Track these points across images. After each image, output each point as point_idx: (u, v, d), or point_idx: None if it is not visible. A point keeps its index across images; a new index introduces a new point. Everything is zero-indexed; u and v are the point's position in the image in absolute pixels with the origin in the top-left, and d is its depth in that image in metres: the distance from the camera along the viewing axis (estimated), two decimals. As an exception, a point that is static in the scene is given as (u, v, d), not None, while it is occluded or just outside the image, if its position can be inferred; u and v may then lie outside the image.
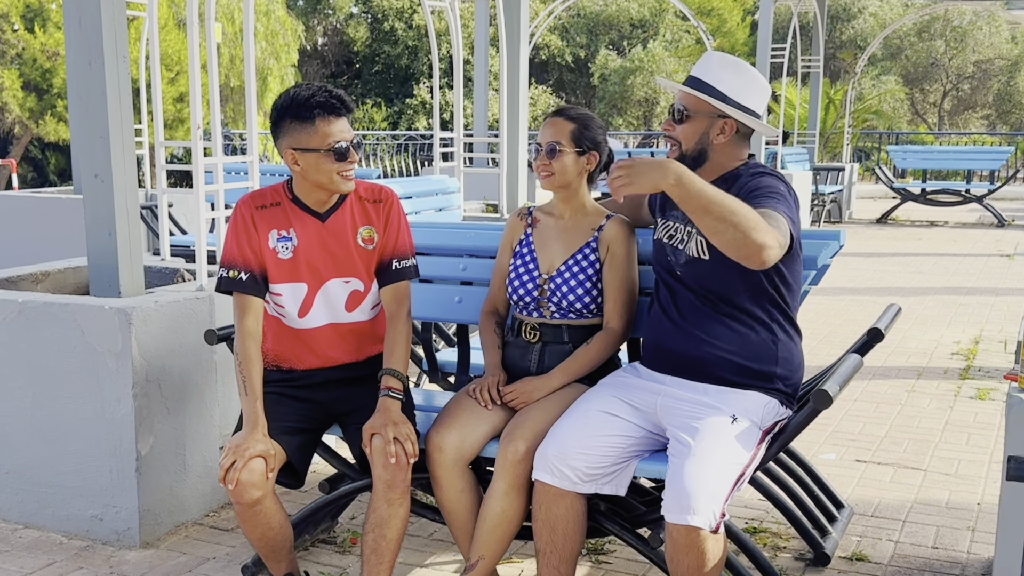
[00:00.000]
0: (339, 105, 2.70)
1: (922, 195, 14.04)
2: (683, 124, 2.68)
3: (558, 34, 27.01)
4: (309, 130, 2.67)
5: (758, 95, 2.68)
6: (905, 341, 6.37)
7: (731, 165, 2.69)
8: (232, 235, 2.78)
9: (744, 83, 2.65)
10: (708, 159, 2.67)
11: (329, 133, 2.67)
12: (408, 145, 17.49)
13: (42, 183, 18.20)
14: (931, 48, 27.63)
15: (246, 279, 2.75)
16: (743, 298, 2.61)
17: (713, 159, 2.67)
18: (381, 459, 2.62)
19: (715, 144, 2.66)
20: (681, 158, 2.68)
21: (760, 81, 2.70)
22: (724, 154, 2.68)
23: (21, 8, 15.58)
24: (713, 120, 2.65)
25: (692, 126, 2.67)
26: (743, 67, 2.69)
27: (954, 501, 3.74)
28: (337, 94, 2.71)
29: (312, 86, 2.71)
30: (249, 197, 2.82)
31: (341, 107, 2.70)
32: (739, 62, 2.70)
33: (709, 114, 2.65)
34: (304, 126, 2.67)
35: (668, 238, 2.75)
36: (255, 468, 2.59)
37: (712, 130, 2.65)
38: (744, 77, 2.67)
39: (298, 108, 2.67)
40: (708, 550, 2.35)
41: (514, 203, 6.86)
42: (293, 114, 2.68)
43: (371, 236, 2.82)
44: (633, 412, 2.66)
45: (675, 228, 2.74)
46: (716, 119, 2.65)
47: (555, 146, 2.83)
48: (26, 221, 7.19)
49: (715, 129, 2.65)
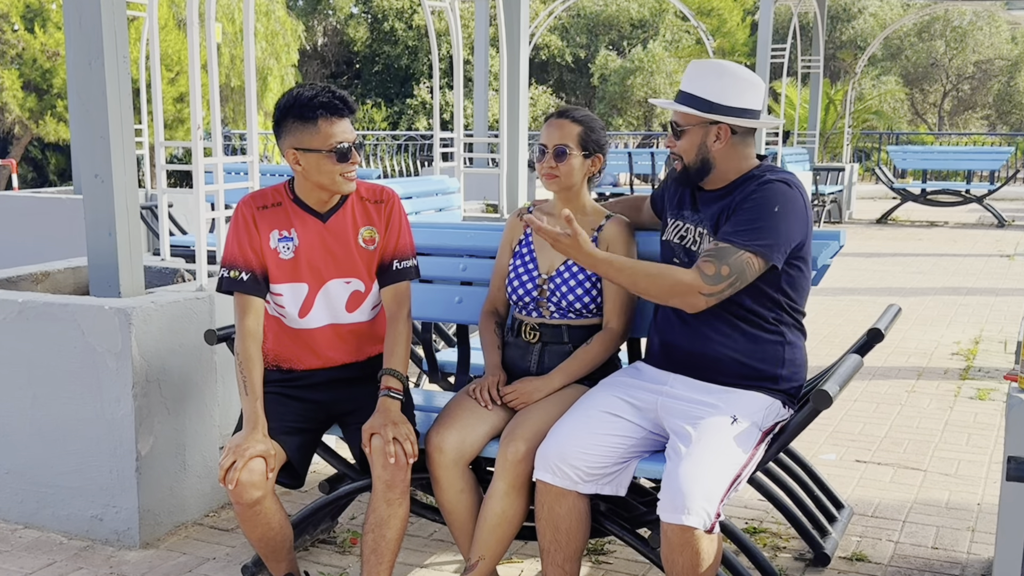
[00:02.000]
0: (342, 106, 2.69)
1: (922, 195, 14.04)
2: (680, 139, 2.69)
3: (558, 34, 27.01)
4: (311, 130, 2.67)
5: (748, 91, 2.66)
6: (905, 341, 6.37)
7: (742, 168, 2.68)
8: (233, 235, 2.78)
9: (726, 83, 2.63)
10: (714, 167, 2.67)
11: (331, 134, 2.67)
12: (408, 145, 17.50)
13: (42, 183, 18.20)
14: (931, 48, 27.63)
15: (247, 279, 2.75)
16: (752, 302, 2.61)
17: (718, 166, 2.67)
18: (380, 459, 2.62)
19: (714, 151, 2.66)
20: (685, 171, 2.70)
21: (745, 77, 2.67)
22: (728, 158, 2.67)
23: (21, 8, 15.58)
24: (707, 129, 2.65)
25: (688, 139, 2.67)
26: (724, 68, 2.67)
27: (954, 501, 3.74)
28: (340, 95, 2.71)
29: (316, 86, 2.71)
30: (250, 197, 2.82)
31: (344, 108, 2.70)
32: (720, 64, 2.68)
33: (701, 124, 2.65)
34: (306, 126, 2.67)
35: (679, 239, 2.74)
36: (255, 468, 2.59)
37: (708, 139, 2.65)
38: (726, 78, 2.65)
39: (301, 108, 2.67)
40: (703, 550, 2.36)
41: (514, 203, 6.86)
42: (296, 114, 2.68)
43: (372, 236, 2.82)
44: (634, 412, 2.66)
45: (686, 229, 2.73)
46: (709, 127, 2.65)
47: (564, 149, 2.83)
48: (26, 221, 7.19)
49: (710, 137, 2.65)
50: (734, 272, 2.49)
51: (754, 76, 2.69)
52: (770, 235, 2.51)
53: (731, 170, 2.68)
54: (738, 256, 2.50)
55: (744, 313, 2.62)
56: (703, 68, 2.68)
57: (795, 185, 2.60)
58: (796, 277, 2.63)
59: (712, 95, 2.63)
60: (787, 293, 2.63)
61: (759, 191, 2.57)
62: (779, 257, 2.53)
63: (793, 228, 2.55)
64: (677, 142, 2.70)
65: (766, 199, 2.55)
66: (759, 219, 2.53)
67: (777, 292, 2.61)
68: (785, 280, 2.61)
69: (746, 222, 2.54)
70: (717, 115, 2.62)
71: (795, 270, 2.62)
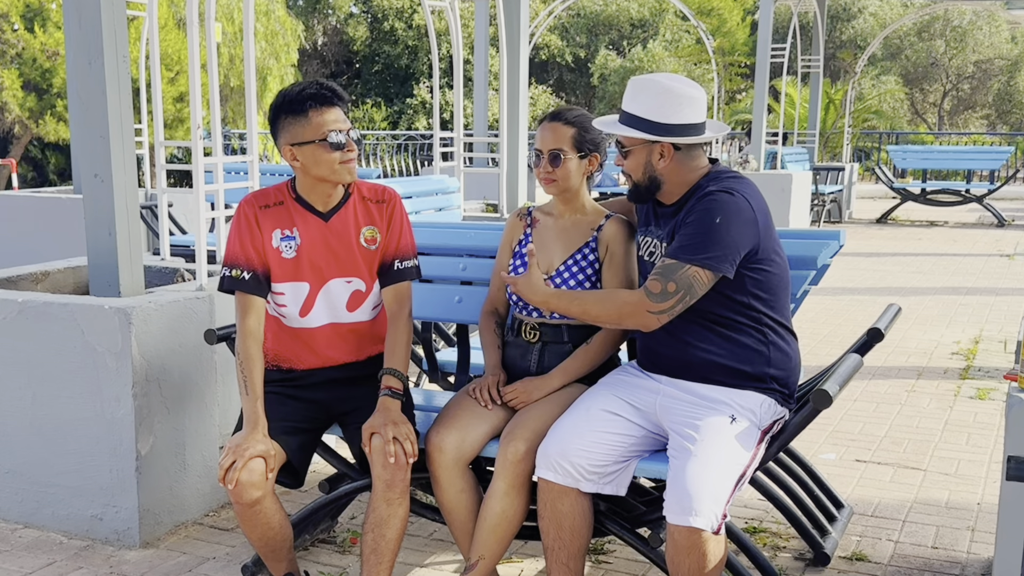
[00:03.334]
0: (330, 95, 2.71)
1: (922, 195, 14.04)
2: (627, 159, 2.69)
3: (558, 34, 27.01)
4: (303, 122, 2.69)
5: (687, 106, 2.62)
6: (905, 341, 6.37)
7: (690, 180, 2.67)
8: (235, 234, 2.78)
9: (664, 101, 2.60)
10: (663, 183, 2.68)
11: (323, 123, 2.68)
12: (408, 145, 17.49)
13: (42, 183, 18.19)
14: (931, 48, 27.62)
15: (249, 278, 2.75)
16: (723, 309, 2.61)
17: (667, 181, 2.67)
18: (380, 459, 2.62)
19: (660, 169, 2.66)
20: (635, 187, 2.71)
21: (682, 92, 2.62)
22: (676, 173, 2.67)
23: (21, 8, 15.58)
24: (650, 148, 2.64)
25: (634, 159, 2.67)
26: (661, 85, 2.62)
27: (954, 501, 3.74)
28: (328, 85, 2.73)
29: (304, 82, 2.74)
30: (252, 196, 2.83)
31: (332, 96, 2.71)
32: (656, 81, 2.64)
33: (644, 144, 2.65)
34: (298, 119, 2.69)
35: (649, 255, 2.75)
36: (255, 468, 2.59)
37: (652, 157, 2.65)
38: (663, 95, 2.61)
39: (291, 103, 2.70)
40: (709, 551, 2.36)
41: (514, 203, 6.86)
42: (287, 110, 2.71)
43: (374, 236, 2.82)
44: (634, 412, 2.66)
45: (653, 244, 2.74)
46: (652, 146, 2.64)
47: (558, 153, 2.82)
48: (26, 221, 7.19)
49: (655, 156, 2.64)
50: (681, 288, 2.51)
51: (693, 89, 2.65)
52: (714, 247, 2.51)
53: (680, 183, 2.67)
54: (684, 271, 2.51)
55: (717, 318, 2.61)
56: (641, 86, 2.66)
57: (739, 191, 2.57)
58: (764, 279, 2.61)
59: (651, 114, 2.61)
60: (757, 295, 2.61)
61: (699, 204, 2.58)
62: (728, 267, 2.52)
63: (739, 236, 2.53)
64: (624, 161, 2.71)
65: (707, 211, 2.55)
66: (700, 232, 2.53)
67: (745, 295, 2.60)
68: (751, 284, 2.59)
69: (689, 236, 2.55)
70: (658, 135, 2.61)
71: (760, 272, 2.59)
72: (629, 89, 2.69)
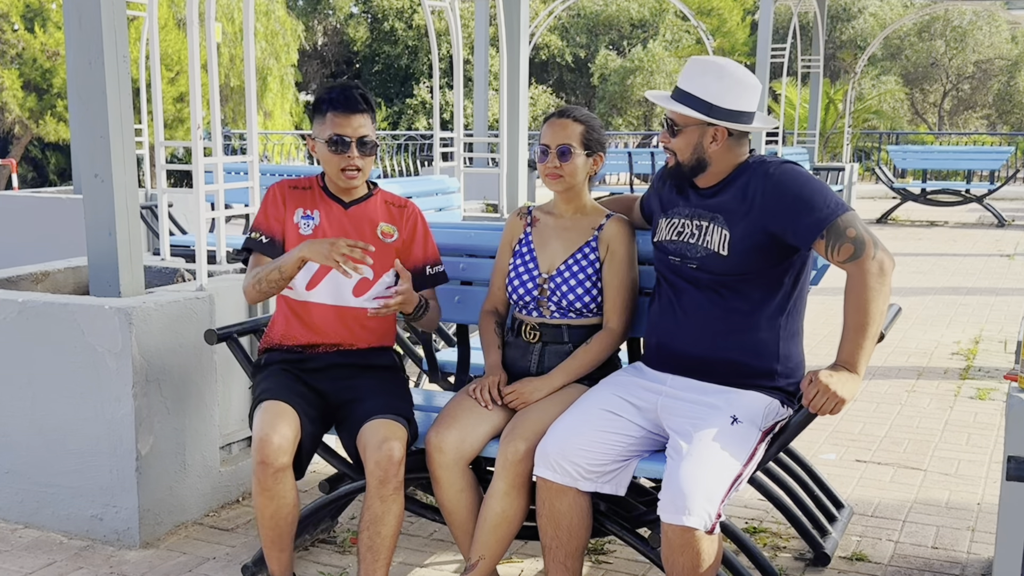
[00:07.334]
0: (346, 100, 2.86)
1: (922, 195, 14.03)
2: (676, 137, 2.68)
3: (558, 34, 27.02)
4: (320, 121, 2.89)
5: (746, 94, 2.64)
6: (905, 341, 6.37)
7: (732, 164, 2.69)
8: (263, 207, 2.99)
9: (726, 85, 2.62)
10: (708, 165, 2.68)
11: (333, 124, 2.86)
12: (408, 145, 17.50)
13: (42, 183, 18.20)
14: (931, 48, 27.63)
15: (266, 241, 2.94)
16: (756, 291, 2.62)
17: (713, 165, 2.68)
18: (373, 456, 2.63)
19: (710, 151, 2.66)
20: (678, 167, 2.70)
21: (745, 79, 2.65)
22: (722, 158, 2.68)
23: (21, 8, 15.59)
24: (704, 130, 2.64)
25: (684, 138, 2.67)
26: (725, 69, 2.65)
27: (954, 501, 3.74)
28: (351, 93, 2.89)
29: (340, 83, 2.95)
30: (285, 180, 3.05)
31: (351, 102, 2.87)
32: (720, 64, 2.66)
33: (698, 125, 2.65)
34: (319, 117, 2.90)
35: (676, 235, 2.73)
36: (285, 434, 2.64)
37: (704, 139, 2.65)
38: (727, 79, 2.63)
39: (318, 101, 2.93)
40: (703, 550, 2.36)
41: (514, 203, 6.86)
42: (315, 106, 2.94)
43: (391, 232, 2.98)
44: (634, 411, 2.66)
45: (682, 224, 2.73)
46: (706, 128, 2.64)
47: (567, 148, 2.83)
48: (26, 221, 7.18)
49: (707, 138, 2.65)
50: (856, 226, 2.51)
51: (752, 78, 2.68)
52: (829, 193, 2.56)
53: (723, 169, 2.69)
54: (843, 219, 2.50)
55: (740, 306, 2.62)
56: (703, 67, 2.66)
57: (798, 164, 2.65)
58: (802, 268, 2.67)
59: (711, 96, 2.61)
60: (796, 280, 2.66)
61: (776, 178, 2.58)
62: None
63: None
64: (672, 139, 2.69)
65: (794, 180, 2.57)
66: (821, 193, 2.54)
67: (787, 278, 2.64)
68: (800, 264, 2.64)
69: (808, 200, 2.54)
70: (715, 118, 2.62)
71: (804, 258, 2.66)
72: (689, 68, 2.68)
